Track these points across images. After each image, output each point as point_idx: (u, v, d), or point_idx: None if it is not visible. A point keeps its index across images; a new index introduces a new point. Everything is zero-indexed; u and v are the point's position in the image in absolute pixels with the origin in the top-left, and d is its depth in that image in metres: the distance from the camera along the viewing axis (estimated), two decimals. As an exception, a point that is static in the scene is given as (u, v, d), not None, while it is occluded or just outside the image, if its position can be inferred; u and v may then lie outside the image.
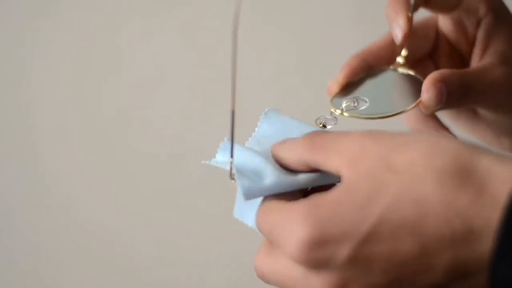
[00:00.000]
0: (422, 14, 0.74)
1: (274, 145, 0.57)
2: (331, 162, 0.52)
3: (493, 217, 0.46)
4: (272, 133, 0.59)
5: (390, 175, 0.49)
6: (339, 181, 0.52)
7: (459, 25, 0.73)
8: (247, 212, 0.58)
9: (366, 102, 0.66)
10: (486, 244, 0.47)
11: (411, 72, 0.70)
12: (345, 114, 0.65)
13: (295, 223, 0.50)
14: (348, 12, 1.27)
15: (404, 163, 0.49)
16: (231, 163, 0.56)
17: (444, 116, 0.75)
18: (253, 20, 1.28)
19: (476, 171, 0.48)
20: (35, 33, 1.27)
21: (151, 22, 1.27)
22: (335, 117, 0.63)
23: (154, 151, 1.30)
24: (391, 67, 0.71)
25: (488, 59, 0.70)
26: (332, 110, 0.65)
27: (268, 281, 0.55)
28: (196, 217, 1.31)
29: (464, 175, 0.48)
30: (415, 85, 0.68)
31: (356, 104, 0.66)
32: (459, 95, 0.67)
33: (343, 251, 0.49)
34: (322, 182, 0.54)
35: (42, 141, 1.29)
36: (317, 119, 0.63)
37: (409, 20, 0.69)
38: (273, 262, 0.54)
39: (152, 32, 1.27)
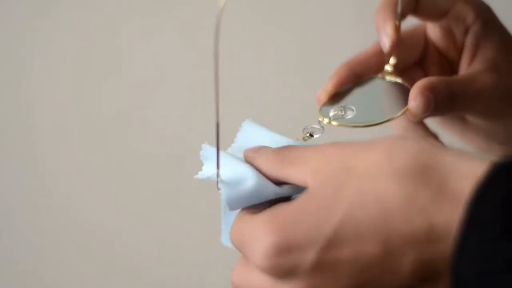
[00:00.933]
0: (411, 22, 0.74)
1: (247, 151, 0.57)
2: (298, 175, 0.52)
3: (454, 213, 0.46)
4: (249, 146, 0.60)
5: (350, 178, 0.49)
6: None
7: (448, 32, 0.73)
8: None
9: (353, 110, 0.67)
10: (449, 242, 0.46)
11: (399, 80, 0.71)
12: (333, 123, 0.65)
13: (260, 231, 0.50)
14: (348, 12, 1.27)
15: (364, 165, 0.49)
16: (218, 175, 0.56)
17: (434, 122, 0.75)
18: (253, 20, 1.28)
19: (436, 168, 0.48)
20: (35, 33, 1.27)
21: (151, 22, 1.27)
22: (322, 127, 0.64)
23: (154, 151, 1.30)
24: (380, 75, 0.72)
25: (476, 66, 0.71)
26: (320, 119, 0.66)
27: None
28: (196, 217, 1.31)
29: (423, 173, 0.48)
30: (403, 93, 0.69)
31: (343, 112, 0.66)
32: (447, 103, 0.67)
33: (308, 257, 0.49)
34: (298, 192, 0.54)
35: (42, 141, 1.29)
36: (304, 128, 0.63)
37: (397, 28, 0.70)
38: (246, 275, 0.54)
39: (152, 32, 1.27)
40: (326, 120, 0.65)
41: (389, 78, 0.71)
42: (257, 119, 0.60)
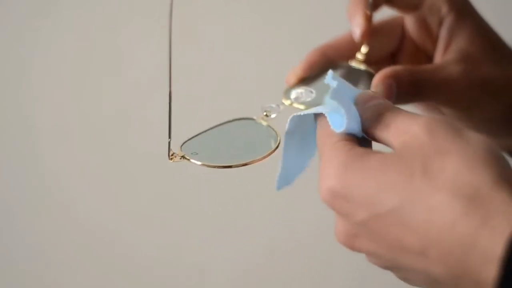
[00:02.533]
0: (391, 14, 0.75)
1: (359, 98, 0.59)
2: (392, 141, 0.55)
3: (489, 247, 0.49)
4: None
5: (421, 174, 0.52)
6: None
7: (423, 24, 0.74)
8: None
9: (313, 93, 0.69)
10: (485, 273, 0.49)
11: (368, 68, 0.72)
12: (294, 105, 0.68)
13: (332, 171, 0.54)
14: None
15: (437, 170, 0.52)
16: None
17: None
18: (253, 20, 1.28)
19: (488, 202, 0.50)
20: (35, 33, 1.27)
21: (151, 22, 1.27)
22: (278, 106, 0.66)
23: (154, 151, 1.30)
24: (350, 62, 0.73)
25: (448, 56, 0.72)
26: (283, 100, 0.69)
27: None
28: (196, 217, 1.31)
29: (473, 202, 0.50)
30: (370, 80, 0.70)
31: (303, 95, 0.69)
32: (410, 91, 0.69)
33: (358, 215, 0.53)
34: None
35: (42, 141, 1.29)
36: (262, 107, 0.66)
37: (368, 18, 0.71)
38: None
39: (152, 32, 1.27)
40: (287, 102, 0.68)
41: (358, 65, 0.73)
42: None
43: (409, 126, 0.54)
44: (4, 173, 1.30)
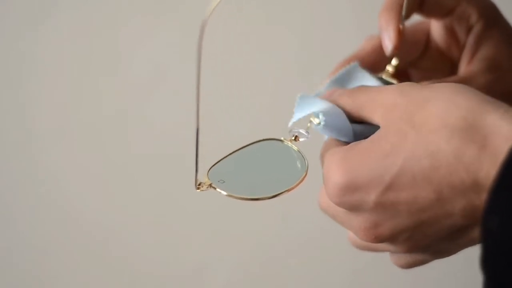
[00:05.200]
0: (414, 19, 0.75)
1: (325, 95, 0.63)
2: (373, 118, 0.58)
3: (491, 172, 0.52)
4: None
5: (410, 128, 0.55)
6: None
7: (451, 31, 0.74)
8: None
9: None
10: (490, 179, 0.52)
11: (398, 82, 0.71)
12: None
13: (333, 169, 0.57)
14: (350, 12, 1.27)
15: (423, 118, 0.55)
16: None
17: None
18: (253, 20, 1.28)
19: (482, 127, 0.53)
20: (35, 33, 1.27)
21: (151, 22, 1.27)
22: (308, 132, 0.65)
23: (154, 151, 1.30)
24: (381, 75, 0.73)
25: (474, 66, 0.72)
26: (311, 119, 0.66)
27: (328, 215, 0.62)
28: (196, 217, 1.31)
29: (471, 130, 0.53)
30: None
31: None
32: None
33: (371, 197, 0.56)
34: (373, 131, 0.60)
35: (41, 141, 1.29)
36: (292, 130, 0.65)
37: (400, 32, 0.70)
38: (328, 201, 0.60)
39: (152, 32, 1.27)
40: (316, 121, 0.66)
41: (388, 78, 0.72)
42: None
43: (382, 97, 0.58)
44: (3, 173, 1.30)
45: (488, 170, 0.52)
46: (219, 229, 1.32)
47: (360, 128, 0.61)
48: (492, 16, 0.73)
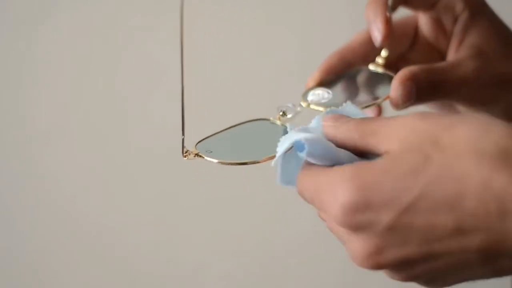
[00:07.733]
0: (403, 13, 0.75)
1: (327, 120, 0.58)
2: (382, 145, 0.54)
3: None
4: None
5: (435, 151, 0.51)
6: None
7: (437, 22, 0.74)
8: (294, 178, 0.60)
9: (329, 94, 0.70)
10: None
11: (388, 72, 0.72)
12: (311, 106, 0.69)
13: (341, 186, 0.52)
14: (350, 12, 1.27)
15: (450, 141, 0.51)
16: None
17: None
18: (253, 20, 1.28)
19: None
20: (35, 33, 1.27)
21: (150, 22, 1.27)
22: (294, 106, 0.66)
23: (154, 151, 1.30)
24: (370, 66, 0.73)
25: (462, 53, 0.72)
26: (301, 102, 0.69)
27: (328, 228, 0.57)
28: (196, 216, 1.31)
29: (503, 158, 0.49)
30: (389, 84, 0.70)
31: (321, 96, 0.70)
32: (429, 91, 0.69)
33: (384, 219, 0.51)
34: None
35: (41, 141, 1.29)
36: (279, 106, 0.66)
37: (388, 21, 0.71)
38: (325, 217, 0.56)
39: (152, 31, 1.27)
40: (305, 104, 0.69)
41: (377, 69, 0.73)
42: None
43: (398, 122, 0.53)
44: (3, 173, 1.30)
45: None
46: (219, 229, 1.32)
47: (347, 157, 0.56)
48: (477, 5, 0.73)
